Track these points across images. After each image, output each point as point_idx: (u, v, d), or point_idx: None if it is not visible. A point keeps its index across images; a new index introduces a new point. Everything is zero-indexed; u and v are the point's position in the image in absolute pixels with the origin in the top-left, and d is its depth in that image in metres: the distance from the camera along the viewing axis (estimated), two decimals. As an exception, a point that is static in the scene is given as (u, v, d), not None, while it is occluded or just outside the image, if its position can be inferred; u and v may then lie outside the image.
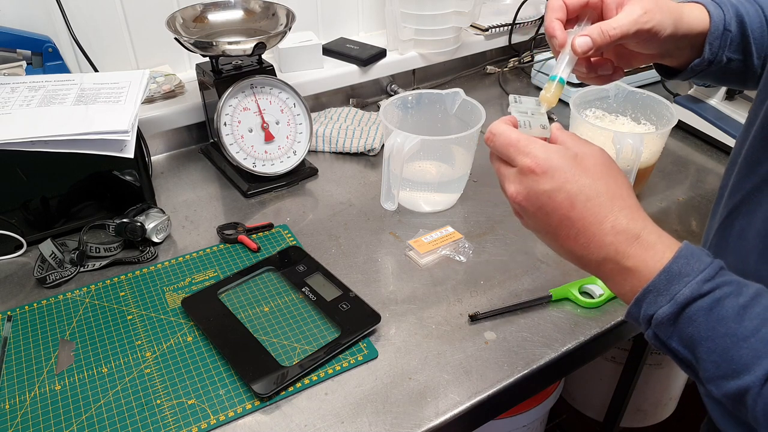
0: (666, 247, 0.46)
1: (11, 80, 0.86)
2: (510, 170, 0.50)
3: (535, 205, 0.48)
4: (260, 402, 0.63)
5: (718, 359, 0.42)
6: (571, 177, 0.47)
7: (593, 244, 0.47)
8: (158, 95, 1.03)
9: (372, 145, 1.05)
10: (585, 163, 0.48)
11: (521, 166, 0.48)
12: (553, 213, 0.48)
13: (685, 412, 1.52)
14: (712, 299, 0.43)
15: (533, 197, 0.48)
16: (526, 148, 0.48)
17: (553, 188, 0.47)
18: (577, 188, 0.47)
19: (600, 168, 0.48)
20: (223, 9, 0.95)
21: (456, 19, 1.17)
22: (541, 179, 0.47)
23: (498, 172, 0.52)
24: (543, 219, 0.49)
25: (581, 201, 0.47)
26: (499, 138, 0.50)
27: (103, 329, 0.71)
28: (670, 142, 1.10)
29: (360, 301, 0.73)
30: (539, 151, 0.48)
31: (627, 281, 0.46)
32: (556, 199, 0.47)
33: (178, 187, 0.99)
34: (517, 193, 0.49)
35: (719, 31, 0.62)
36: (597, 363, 1.35)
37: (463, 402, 0.63)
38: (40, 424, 0.61)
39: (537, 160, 0.48)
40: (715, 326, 0.42)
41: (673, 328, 0.44)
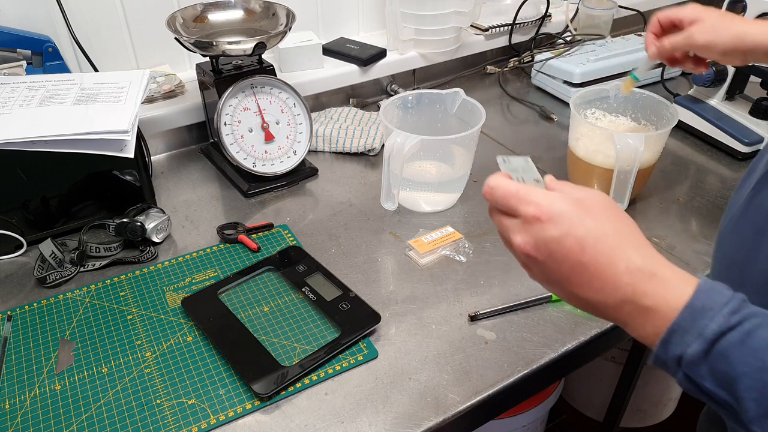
0: (684, 282, 0.44)
1: (11, 80, 0.86)
2: (513, 221, 0.49)
3: (544, 254, 0.47)
4: (260, 402, 0.63)
5: (758, 396, 0.39)
6: (576, 221, 0.46)
7: (609, 286, 0.45)
8: (158, 95, 1.03)
9: (372, 145, 1.05)
10: (588, 206, 0.47)
11: (525, 215, 0.47)
12: (564, 260, 0.46)
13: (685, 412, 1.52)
14: (742, 332, 0.41)
15: (541, 246, 0.47)
16: (528, 196, 0.47)
17: (560, 234, 0.46)
18: (585, 231, 0.46)
19: (603, 210, 0.47)
20: (223, 9, 0.95)
21: (456, 19, 1.17)
22: (547, 226, 0.46)
23: (500, 225, 0.50)
24: (554, 267, 0.47)
25: (590, 244, 0.45)
26: (498, 190, 0.49)
27: (103, 329, 0.71)
28: (670, 142, 1.10)
29: (360, 301, 0.73)
30: (541, 199, 0.47)
31: (648, 322, 0.45)
32: (566, 245, 0.46)
33: (178, 187, 0.99)
34: (524, 243, 0.47)
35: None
36: (597, 363, 1.35)
37: (463, 402, 0.63)
38: (40, 424, 0.61)
39: (541, 208, 0.46)
40: (750, 360, 0.40)
41: (705, 367, 0.42)
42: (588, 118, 0.96)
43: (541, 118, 1.20)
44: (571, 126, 0.94)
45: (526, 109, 1.23)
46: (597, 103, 0.98)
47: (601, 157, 0.89)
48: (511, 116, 1.21)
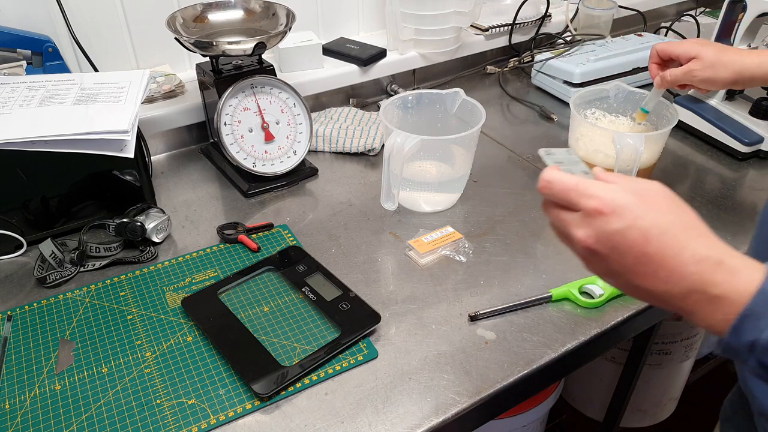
0: (752, 269, 0.44)
1: (11, 80, 0.86)
2: (573, 215, 0.48)
3: (608, 247, 0.46)
4: (260, 402, 0.63)
5: None
6: (640, 213, 0.46)
7: (675, 276, 0.45)
8: (158, 95, 1.03)
9: (372, 145, 1.05)
10: (649, 198, 0.47)
11: (586, 208, 0.47)
12: (628, 252, 0.46)
13: (685, 413, 1.52)
14: None
15: (604, 239, 0.46)
16: (588, 190, 0.47)
17: (624, 226, 0.45)
18: (649, 223, 0.45)
19: (665, 201, 0.47)
20: (223, 9, 0.95)
21: (456, 19, 1.17)
22: (610, 219, 0.46)
23: (557, 220, 0.50)
24: (617, 260, 0.47)
25: (655, 235, 0.45)
26: (556, 184, 0.49)
27: (103, 329, 0.71)
28: (670, 142, 1.10)
29: (360, 301, 0.73)
30: (602, 192, 0.47)
31: (717, 310, 0.44)
32: (629, 237, 0.45)
33: (178, 186, 0.99)
34: (587, 237, 0.47)
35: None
36: (597, 363, 1.34)
37: (463, 402, 0.63)
38: (40, 424, 0.61)
39: (603, 201, 0.46)
40: None
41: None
42: (588, 118, 0.96)
43: (541, 118, 1.20)
44: (571, 126, 0.94)
45: (526, 109, 1.23)
46: (597, 103, 0.98)
47: (601, 156, 0.89)
48: (511, 116, 1.21)
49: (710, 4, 1.63)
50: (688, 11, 1.59)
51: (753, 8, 1.03)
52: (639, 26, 1.48)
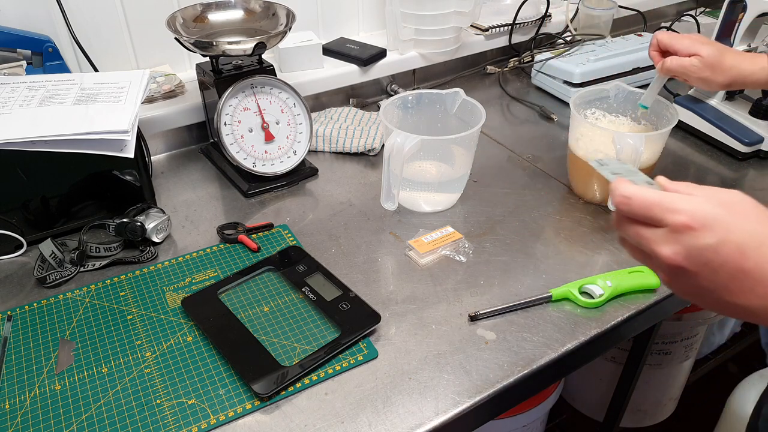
0: None
1: (11, 80, 0.86)
2: (657, 232, 0.45)
3: (699, 264, 0.44)
4: (260, 402, 0.63)
5: None
6: (733, 226, 0.43)
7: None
8: (158, 95, 1.03)
9: (372, 145, 1.05)
10: (737, 208, 0.44)
11: (674, 224, 0.44)
12: (721, 268, 0.43)
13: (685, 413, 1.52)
14: None
15: (695, 255, 0.43)
16: (673, 204, 0.44)
17: (717, 241, 0.43)
18: (743, 236, 0.43)
19: (753, 210, 0.45)
20: (223, 9, 0.95)
21: (456, 19, 1.17)
22: (700, 234, 0.43)
23: (638, 237, 0.47)
24: (708, 277, 0.44)
25: (753, 248, 0.43)
26: (637, 200, 0.46)
27: (103, 329, 0.71)
28: (670, 142, 1.10)
29: (360, 301, 0.73)
30: (689, 205, 0.44)
31: None
32: (723, 252, 0.43)
33: (178, 187, 0.99)
34: (675, 254, 0.44)
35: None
36: (597, 363, 1.35)
37: (463, 402, 0.63)
38: (40, 424, 0.61)
39: (691, 215, 0.43)
40: None
41: None
42: (588, 118, 0.96)
43: (541, 118, 1.20)
44: (571, 126, 0.94)
45: (526, 109, 1.23)
46: (597, 103, 0.98)
47: (602, 156, 0.89)
48: (511, 116, 1.21)
49: (710, 4, 1.63)
50: (688, 11, 1.59)
51: (753, 8, 1.03)
52: (639, 26, 1.48)
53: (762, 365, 1.30)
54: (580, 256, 0.83)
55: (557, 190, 0.97)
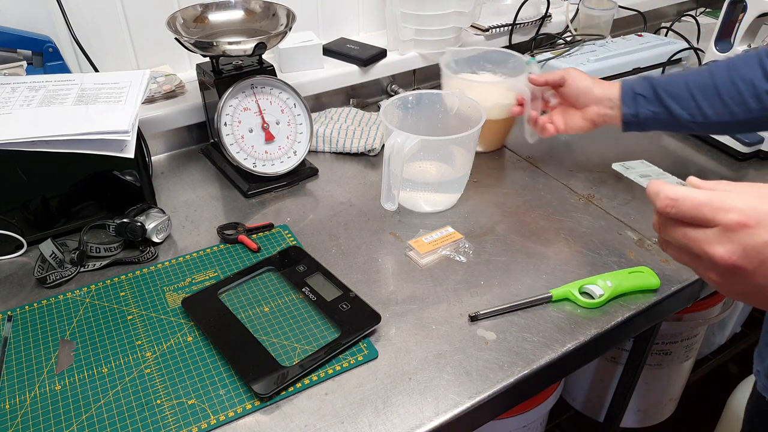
0: None
1: (12, 80, 0.86)
2: (708, 232, 0.44)
3: (756, 261, 0.43)
4: (260, 402, 0.63)
5: None
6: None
7: None
8: (159, 95, 1.03)
9: (372, 146, 1.05)
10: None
11: (727, 223, 0.43)
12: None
13: (685, 413, 1.52)
14: None
15: (753, 253, 0.42)
16: (724, 203, 0.43)
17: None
18: None
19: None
20: (224, 9, 0.95)
21: (456, 20, 1.17)
22: (756, 231, 0.42)
23: (684, 238, 0.46)
24: (766, 274, 0.43)
25: None
26: (685, 201, 0.45)
27: (103, 329, 0.71)
28: (671, 142, 1.10)
29: (360, 301, 0.73)
30: (740, 203, 0.43)
31: None
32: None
33: (179, 187, 0.99)
34: (730, 254, 0.43)
35: (629, 96, 0.85)
36: (597, 363, 1.34)
37: (463, 402, 0.63)
38: (40, 424, 0.61)
39: (745, 212, 0.43)
40: None
41: None
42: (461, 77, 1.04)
43: (542, 118, 1.20)
44: (444, 86, 1.04)
45: (527, 109, 1.22)
46: (465, 66, 1.07)
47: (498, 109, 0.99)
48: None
49: (710, 4, 1.63)
50: (688, 11, 1.59)
51: (753, 8, 1.03)
52: (639, 26, 1.48)
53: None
54: (580, 256, 0.83)
55: (557, 190, 0.97)
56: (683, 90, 0.82)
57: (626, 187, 0.97)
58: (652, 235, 0.86)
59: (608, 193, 0.96)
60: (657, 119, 0.84)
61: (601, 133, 1.14)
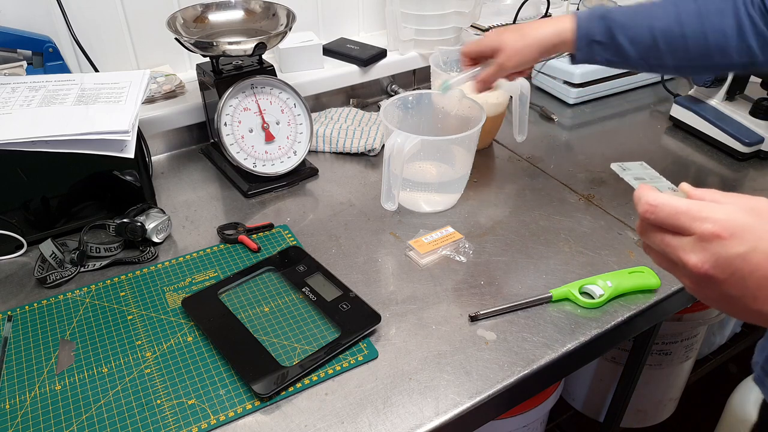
0: None
1: (12, 80, 0.86)
2: (684, 240, 0.45)
3: (727, 272, 0.43)
4: (260, 402, 0.63)
5: None
6: (762, 233, 0.43)
7: None
8: (159, 95, 1.03)
9: (372, 146, 1.05)
10: (766, 215, 0.44)
11: (702, 233, 0.43)
12: (750, 276, 0.43)
13: (685, 413, 1.52)
14: None
15: (724, 264, 0.43)
16: (701, 212, 0.44)
17: (747, 250, 0.42)
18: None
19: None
20: (224, 9, 0.95)
21: (456, 20, 1.17)
22: (729, 243, 0.42)
23: (662, 244, 0.46)
24: (736, 285, 0.43)
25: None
26: (664, 208, 0.45)
27: (104, 329, 0.71)
28: (671, 142, 1.10)
29: (360, 302, 0.73)
30: (718, 214, 0.43)
31: None
32: (753, 261, 0.42)
33: (179, 187, 0.99)
34: (702, 263, 0.43)
35: (584, 42, 0.82)
36: (597, 363, 1.35)
37: (463, 402, 0.63)
38: (40, 424, 0.61)
39: (720, 224, 0.43)
40: None
41: None
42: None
43: (542, 118, 1.20)
44: (433, 84, 1.02)
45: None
46: (454, 65, 1.07)
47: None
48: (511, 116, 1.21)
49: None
50: (688, 11, 1.59)
51: (753, 8, 1.03)
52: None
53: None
54: (580, 256, 0.83)
55: (557, 190, 0.97)
56: (646, 36, 0.77)
57: (626, 187, 0.96)
58: (652, 235, 0.86)
59: (608, 193, 0.96)
60: (610, 62, 0.83)
61: (602, 133, 1.15)
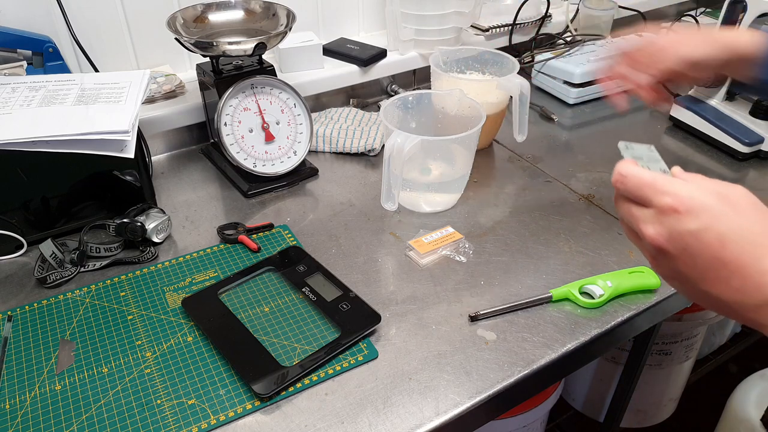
0: None
1: (12, 80, 0.86)
2: (645, 212, 0.46)
3: (678, 247, 0.44)
4: (260, 402, 0.63)
5: None
6: (719, 215, 0.43)
7: (749, 286, 0.42)
8: (159, 95, 1.03)
9: (372, 146, 1.05)
10: (730, 200, 0.44)
11: (661, 205, 0.45)
12: (700, 255, 0.43)
13: (685, 413, 1.52)
14: None
15: (676, 238, 0.44)
16: (664, 186, 0.45)
17: (699, 228, 0.43)
18: (728, 227, 0.43)
19: (750, 206, 0.44)
20: (224, 9, 0.95)
21: (456, 20, 1.17)
22: (684, 218, 0.43)
23: (628, 215, 0.48)
24: (687, 262, 0.44)
25: (733, 240, 0.42)
26: (631, 179, 0.47)
27: (104, 329, 0.71)
28: (671, 142, 1.10)
29: (360, 302, 0.73)
30: (680, 190, 0.45)
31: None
32: (704, 240, 0.43)
33: (179, 187, 0.99)
34: (657, 235, 0.45)
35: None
36: (597, 363, 1.35)
37: (463, 402, 0.63)
38: (40, 424, 0.61)
39: (679, 199, 0.44)
40: None
41: None
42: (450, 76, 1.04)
43: (542, 118, 1.20)
44: (433, 85, 1.04)
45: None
46: (454, 65, 1.09)
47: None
48: (511, 116, 1.21)
49: (710, 4, 1.63)
50: (688, 11, 1.59)
51: (753, 8, 1.03)
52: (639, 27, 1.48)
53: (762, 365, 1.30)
54: (580, 256, 0.83)
55: (557, 190, 0.97)
56: None
57: (626, 187, 0.97)
58: (652, 235, 0.86)
59: (608, 193, 0.96)
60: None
61: (602, 133, 1.15)
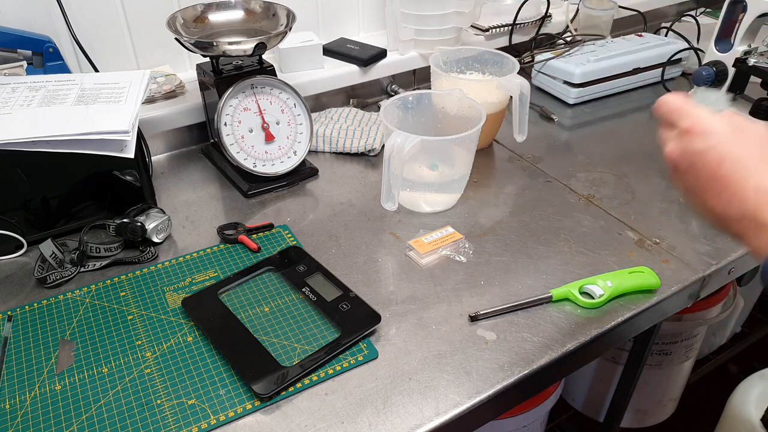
0: None
1: (12, 80, 0.86)
2: (671, 133, 0.53)
3: (687, 163, 0.51)
4: (260, 402, 0.63)
5: None
6: (725, 140, 0.49)
7: (734, 200, 0.49)
8: (159, 95, 1.03)
9: (372, 146, 1.05)
10: (743, 133, 0.50)
11: (681, 127, 0.51)
12: (702, 171, 0.50)
13: (685, 413, 1.52)
14: None
15: (686, 155, 0.51)
16: (689, 112, 0.51)
17: (705, 148, 0.50)
18: (728, 149, 0.49)
19: (756, 139, 0.50)
20: (224, 9, 0.95)
21: (456, 20, 1.17)
22: (695, 139, 0.50)
23: (663, 136, 0.55)
24: (692, 177, 0.51)
25: (730, 160, 0.49)
26: (666, 105, 0.54)
27: (104, 329, 0.71)
28: (671, 142, 1.10)
29: (360, 302, 0.73)
30: (701, 115, 0.51)
31: (762, 236, 0.48)
32: (707, 158, 0.50)
33: (179, 187, 0.99)
34: (672, 152, 0.52)
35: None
36: (597, 363, 1.35)
37: (463, 402, 0.63)
38: (40, 424, 0.61)
39: (697, 122, 0.50)
40: None
41: None
42: (450, 77, 1.04)
43: (542, 118, 1.20)
44: (433, 84, 1.03)
45: (527, 109, 1.23)
46: (454, 65, 1.09)
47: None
48: (511, 116, 1.21)
49: (710, 4, 1.63)
50: (688, 11, 1.59)
51: (753, 8, 1.03)
52: (639, 26, 1.48)
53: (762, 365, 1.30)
54: (580, 256, 0.83)
55: (557, 190, 0.97)
56: None
57: (626, 187, 0.97)
58: (652, 235, 0.86)
59: (608, 193, 0.96)
60: None
61: (602, 133, 1.15)
